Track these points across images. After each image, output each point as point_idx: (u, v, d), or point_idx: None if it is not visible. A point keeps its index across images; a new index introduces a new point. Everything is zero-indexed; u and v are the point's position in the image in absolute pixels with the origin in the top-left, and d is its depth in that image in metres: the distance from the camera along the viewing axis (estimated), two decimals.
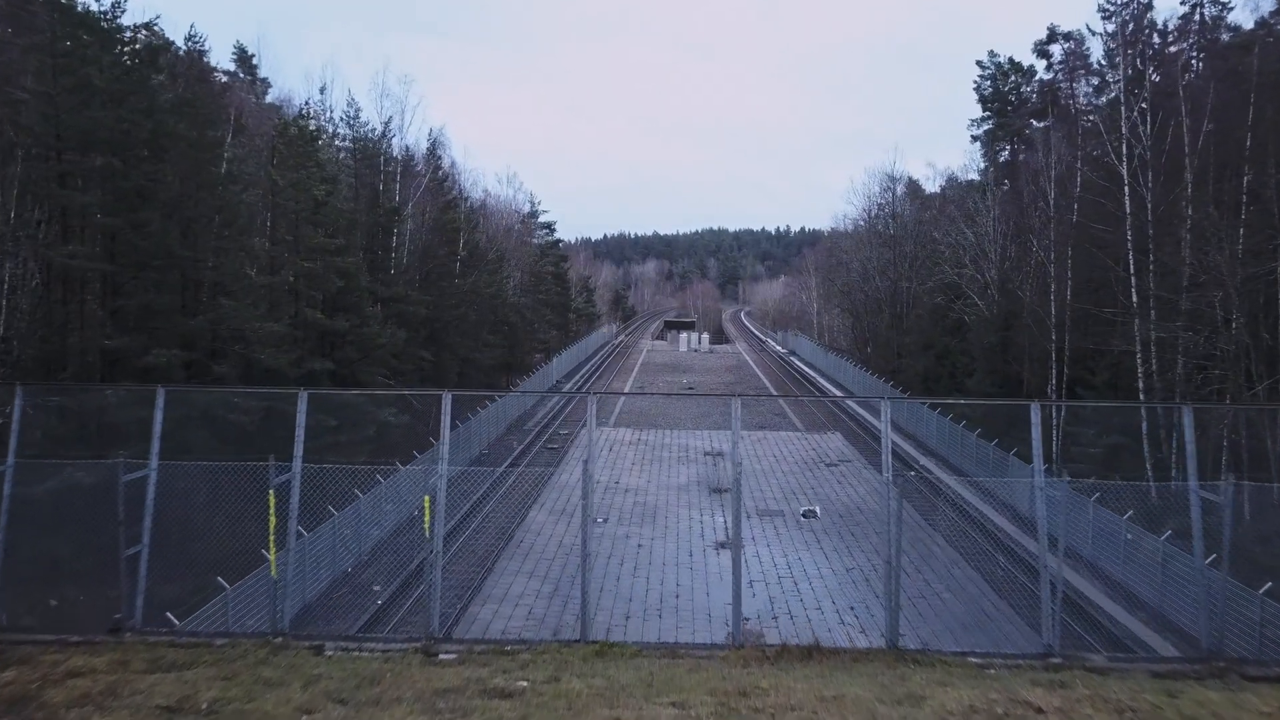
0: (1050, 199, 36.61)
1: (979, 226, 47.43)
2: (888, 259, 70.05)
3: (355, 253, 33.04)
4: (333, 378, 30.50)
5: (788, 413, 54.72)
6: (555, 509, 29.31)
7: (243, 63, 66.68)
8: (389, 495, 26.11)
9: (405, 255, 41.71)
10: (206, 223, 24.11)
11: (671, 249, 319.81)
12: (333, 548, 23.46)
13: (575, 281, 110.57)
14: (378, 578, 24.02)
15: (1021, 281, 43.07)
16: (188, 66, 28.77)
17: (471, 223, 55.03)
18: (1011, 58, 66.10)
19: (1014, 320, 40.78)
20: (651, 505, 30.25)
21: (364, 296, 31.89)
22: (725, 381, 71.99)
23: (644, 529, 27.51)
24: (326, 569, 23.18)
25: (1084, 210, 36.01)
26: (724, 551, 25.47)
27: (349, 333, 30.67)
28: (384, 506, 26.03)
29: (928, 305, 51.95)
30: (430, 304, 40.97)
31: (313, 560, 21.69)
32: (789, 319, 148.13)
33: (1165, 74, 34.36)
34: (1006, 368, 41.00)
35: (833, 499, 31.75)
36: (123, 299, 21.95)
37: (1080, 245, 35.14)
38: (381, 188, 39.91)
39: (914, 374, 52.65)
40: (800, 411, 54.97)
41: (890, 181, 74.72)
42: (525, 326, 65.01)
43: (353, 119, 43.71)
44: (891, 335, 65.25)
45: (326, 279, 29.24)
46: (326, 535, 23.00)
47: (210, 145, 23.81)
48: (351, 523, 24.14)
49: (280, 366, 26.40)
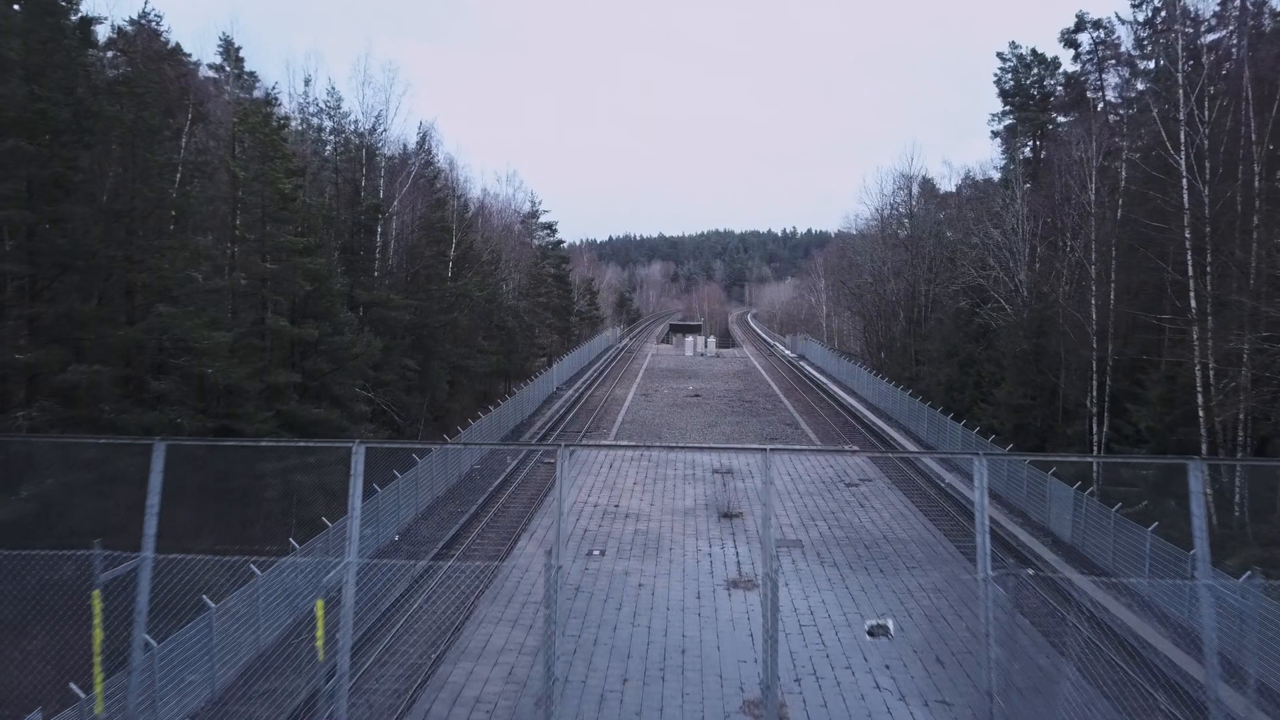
0: (1091, 194, 33.47)
1: (1005, 225, 44.29)
2: (903, 260, 66.89)
3: (329, 253, 30.06)
4: (301, 391, 27.49)
5: (800, 424, 51.63)
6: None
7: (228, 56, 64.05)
8: (276, 590, 18.61)
9: (391, 256, 38.76)
10: (146, 219, 21.16)
11: (677, 251, 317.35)
12: (200, 658, 16.12)
13: (578, 284, 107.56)
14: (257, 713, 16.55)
15: (1053, 284, 39.96)
16: (138, 44, 25.91)
17: (466, 221, 52.01)
18: (1034, 49, 62.98)
19: (1048, 326, 37.63)
20: (654, 534, 27.20)
21: (338, 301, 28.88)
22: (733, 389, 68.91)
23: (645, 564, 24.46)
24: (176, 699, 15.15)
25: (1129, 206, 32.89)
26: (736, 591, 22.41)
27: (320, 341, 27.66)
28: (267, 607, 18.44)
29: (950, 310, 48.77)
30: (417, 308, 37.94)
31: (165, 684, 14.38)
32: (797, 322, 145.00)
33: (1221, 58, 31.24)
34: (1039, 378, 37.83)
35: (855, 525, 28.65)
36: (42, 306, 19.01)
37: (1125, 245, 32.01)
38: (364, 182, 36.94)
39: (935, 383, 49.48)
40: (814, 422, 51.89)
41: (905, 180, 71.59)
42: (524, 331, 61.94)
43: (333, 109, 40.95)
44: (908, 341, 62.07)
45: (293, 282, 26.25)
46: (189, 645, 15.55)
47: (149, 131, 20.89)
48: (214, 633, 16.34)
49: (237, 381, 23.40)
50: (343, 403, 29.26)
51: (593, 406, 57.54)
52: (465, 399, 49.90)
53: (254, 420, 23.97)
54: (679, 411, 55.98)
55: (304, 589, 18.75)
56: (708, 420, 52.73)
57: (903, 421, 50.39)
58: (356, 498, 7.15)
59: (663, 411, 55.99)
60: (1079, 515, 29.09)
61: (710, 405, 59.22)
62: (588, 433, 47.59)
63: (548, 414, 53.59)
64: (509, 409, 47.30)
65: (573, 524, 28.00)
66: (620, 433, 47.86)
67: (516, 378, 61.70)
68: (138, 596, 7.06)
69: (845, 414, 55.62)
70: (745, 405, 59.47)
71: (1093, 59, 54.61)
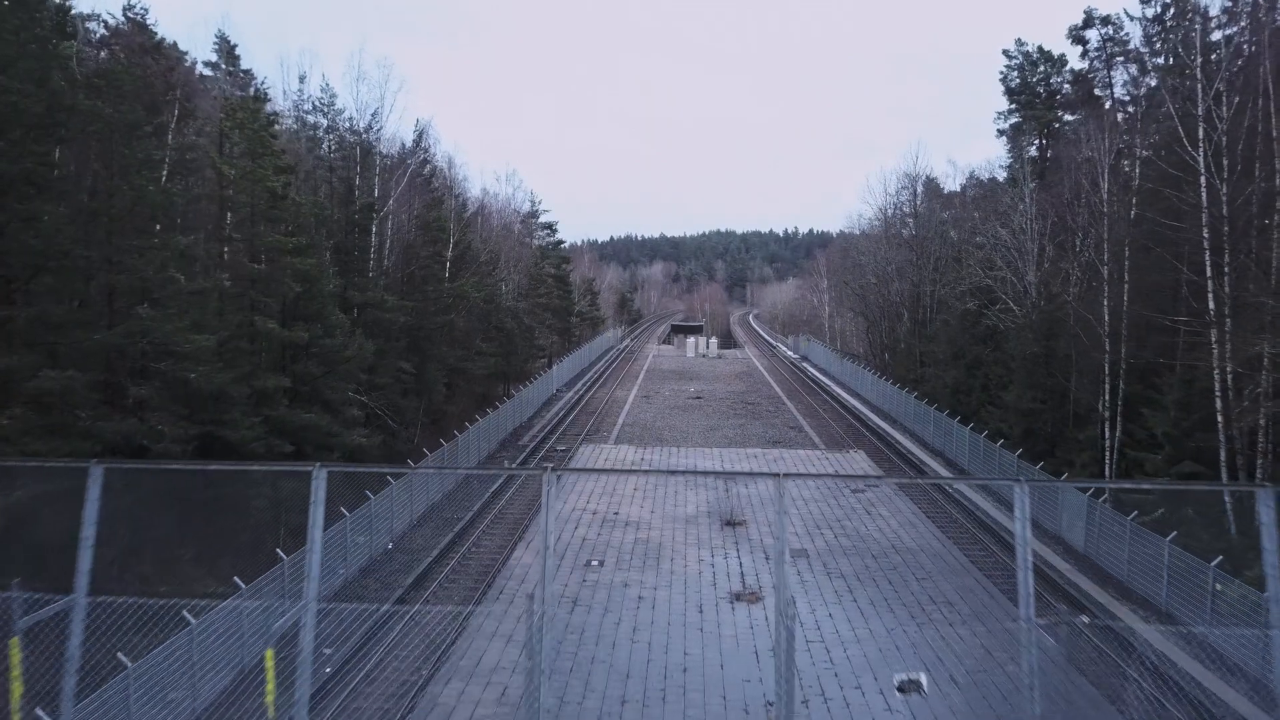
0: (1104, 192, 32.58)
1: (1013, 224, 43.42)
2: (908, 260, 66.01)
3: (320, 253, 29.22)
4: (291, 396, 26.67)
5: (804, 427, 50.76)
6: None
7: (225, 54, 63.24)
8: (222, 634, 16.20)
9: (386, 256, 37.90)
10: (126, 218, 20.32)
11: (679, 251, 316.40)
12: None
13: (579, 284, 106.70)
14: None
15: (1063, 285, 39.11)
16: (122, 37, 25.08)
17: (464, 221, 51.15)
18: (1041, 46, 62.04)
19: (1058, 328, 36.77)
20: (655, 543, 26.35)
21: (330, 302, 28.05)
22: (735, 390, 68.06)
23: (645, 575, 23.62)
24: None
25: (1143, 205, 32.02)
26: (739, 605, 21.57)
27: (311, 344, 26.83)
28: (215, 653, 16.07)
29: (957, 311, 47.87)
30: (412, 310, 37.09)
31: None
32: (799, 322, 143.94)
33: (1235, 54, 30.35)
34: (1049, 381, 36.95)
35: (862, 534, 27.79)
36: (13, 309, 18.17)
37: (1139, 245, 31.15)
38: (358, 181, 36.07)
39: (941, 385, 48.60)
40: (818, 426, 51.01)
41: (910, 179, 70.70)
42: (523, 333, 61.08)
43: (327, 106, 40.01)
44: (913, 343, 61.20)
45: (282, 283, 25.41)
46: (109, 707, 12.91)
47: (129, 126, 20.03)
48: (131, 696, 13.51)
49: (222, 386, 22.57)
50: (334, 407, 28.44)
51: (593, 409, 56.70)
52: (463, 401, 49.08)
53: (240, 426, 23.15)
54: (680, 414, 55.13)
55: (250, 634, 16.23)
56: (710, 423, 51.87)
57: (907, 424, 49.51)
58: (317, 529, 6.30)
59: (664, 414, 55.14)
60: (1092, 524, 28.23)
61: (712, 408, 58.37)
62: (587, 436, 46.75)
63: (547, 416, 52.75)
64: (508, 411, 46.46)
65: (571, 532, 27.16)
66: (621, 436, 47.02)
67: (516, 379, 60.88)
68: (70, 642, 6.22)
69: (849, 416, 54.75)
70: (748, 407, 58.62)
71: (1101, 55, 53.77)
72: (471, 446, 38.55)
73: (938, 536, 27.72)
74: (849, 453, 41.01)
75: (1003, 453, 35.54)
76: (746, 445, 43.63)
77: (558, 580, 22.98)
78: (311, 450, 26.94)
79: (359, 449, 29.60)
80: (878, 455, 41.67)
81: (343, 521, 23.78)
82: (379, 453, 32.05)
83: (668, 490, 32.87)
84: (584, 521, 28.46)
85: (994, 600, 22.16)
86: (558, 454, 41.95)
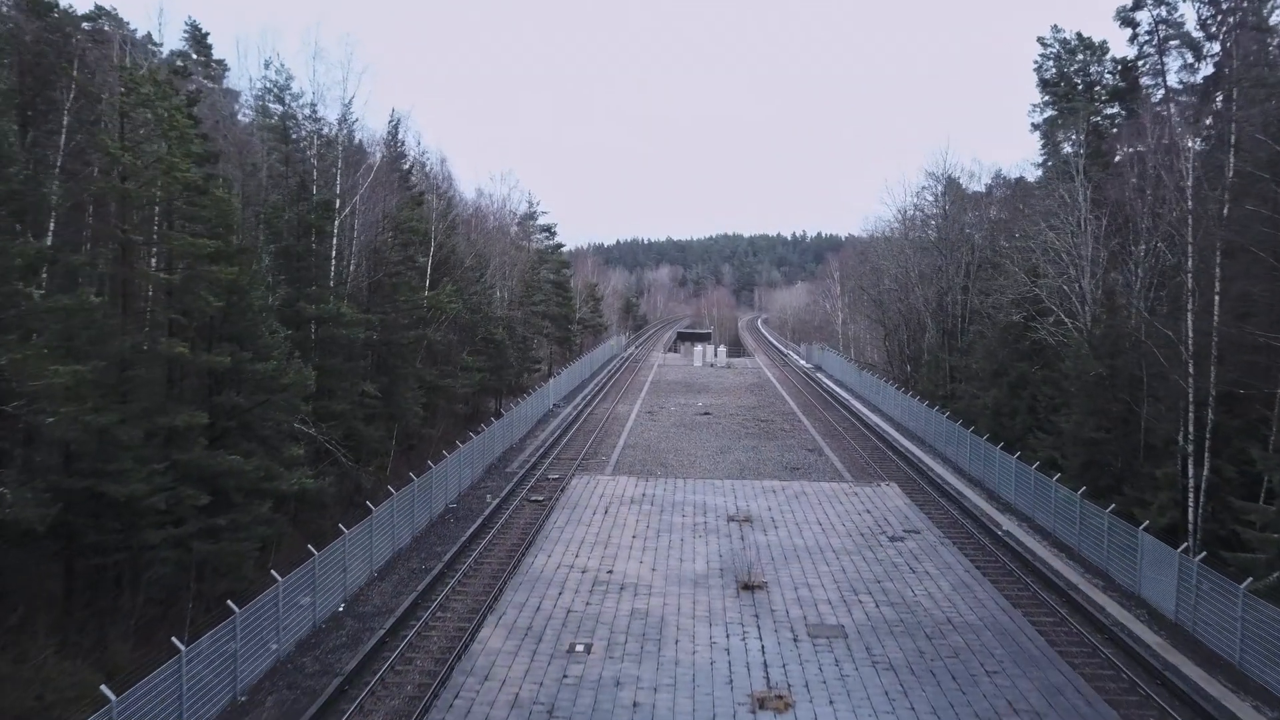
0: (1189, 186, 27.57)
1: (1065, 226, 38.38)
2: (933, 265, 60.96)
3: (256, 258, 24.40)
4: (213, 434, 21.79)
5: (824, 449, 45.71)
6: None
7: (196, 43, 58.59)
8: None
9: (349, 261, 33.05)
10: None
11: (685, 254, 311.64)
12: None
13: (580, 289, 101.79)
14: None
15: (1127, 295, 34.10)
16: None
17: (448, 222, 46.26)
18: (1079, 33, 57.08)
19: (1125, 344, 31.71)
20: (656, 617, 21.34)
21: (263, 318, 23.18)
22: (746, 405, 63.02)
23: (643, 666, 18.63)
24: None
25: (1235, 202, 27.02)
26: (764, 715, 16.59)
27: (236, 369, 21.97)
28: None
29: (999, 323, 42.79)
30: (379, 323, 32.21)
31: None
32: (811, 329, 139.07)
33: None
34: (1114, 406, 31.84)
35: (909, 601, 22.68)
36: None
37: (1234, 248, 26.15)
38: (315, 175, 31.27)
39: (979, 405, 43.48)
40: (840, 449, 45.92)
41: (934, 179, 65.62)
42: (516, 344, 56.16)
43: (280, 89, 35.20)
44: (942, 356, 56.10)
45: (195, 295, 20.57)
46: None
47: None
48: None
49: (105, 428, 17.72)
50: (270, 444, 23.55)
51: (591, 427, 51.74)
52: (446, 423, 44.21)
53: (132, 479, 18.27)
54: (687, 433, 50.15)
55: None
56: (720, 444, 46.89)
57: (939, 447, 44.46)
58: None
59: (669, 433, 50.17)
60: (1185, 585, 23.07)
61: (721, 425, 53.36)
62: (583, 462, 41.80)
63: (541, 436, 47.83)
64: (496, 433, 41.61)
65: (553, 601, 22.19)
66: (620, 461, 42.07)
67: (510, 394, 56.02)
68: None
69: (873, 437, 49.67)
70: (760, 425, 53.60)
71: (1152, 40, 48.79)
72: (450, 477, 33.68)
73: (1002, 606, 22.63)
74: (880, 486, 35.94)
75: (1058, 487, 30.54)
76: (761, 475, 38.61)
77: (529, 677, 18.01)
78: (240, 498, 22.07)
79: (304, 493, 24.72)
80: (912, 487, 36.62)
81: (275, 587, 18.95)
82: (330, 494, 27.16)
83: (672, 538, 27.88)
84: (570, 584, 23.47)
85: (1094, 711, 17.07)
86: (549, 483, 37.03)
